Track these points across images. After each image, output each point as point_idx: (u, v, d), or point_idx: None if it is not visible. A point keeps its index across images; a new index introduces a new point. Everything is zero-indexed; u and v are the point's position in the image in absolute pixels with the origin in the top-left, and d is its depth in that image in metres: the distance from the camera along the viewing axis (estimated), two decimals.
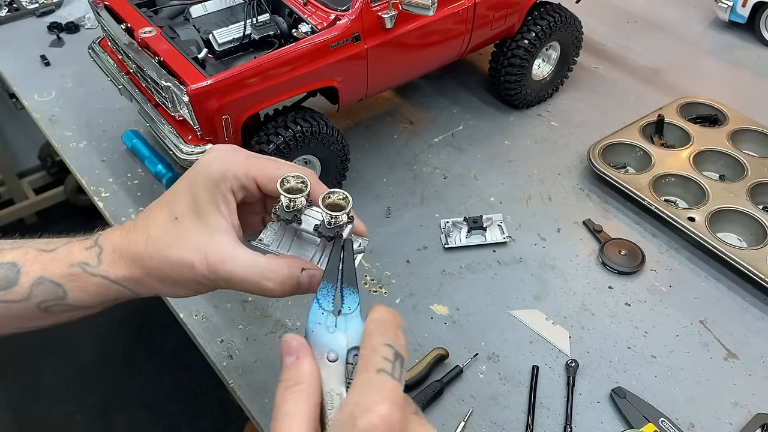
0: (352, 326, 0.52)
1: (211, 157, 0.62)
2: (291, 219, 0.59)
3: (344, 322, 0.52)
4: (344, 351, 0.51)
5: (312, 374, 0.49)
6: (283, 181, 0.59)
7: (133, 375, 2.06)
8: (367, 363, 0.46)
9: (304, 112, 0.98)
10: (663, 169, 1.10)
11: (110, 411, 1.98)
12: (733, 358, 0.88)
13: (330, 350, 0.51)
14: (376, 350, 0.47)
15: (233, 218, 0.61)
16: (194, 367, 1.94)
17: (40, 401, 2.00)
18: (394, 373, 0.46)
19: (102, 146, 1.19)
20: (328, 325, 0.52)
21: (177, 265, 0.59)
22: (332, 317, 0.53)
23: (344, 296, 0.54)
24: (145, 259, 0.61)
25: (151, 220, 0.62)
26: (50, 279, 0.61)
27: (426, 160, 1.18)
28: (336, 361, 0.51)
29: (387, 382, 0.45)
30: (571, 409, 0.82)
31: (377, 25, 0.96)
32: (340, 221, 0.59)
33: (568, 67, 1.30)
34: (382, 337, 0.48)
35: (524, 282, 0.97)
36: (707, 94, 1.27)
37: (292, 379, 0.48)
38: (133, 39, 0.95)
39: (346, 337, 0.52)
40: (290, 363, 0.49)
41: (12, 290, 0.61)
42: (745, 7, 1.46)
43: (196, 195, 0.60)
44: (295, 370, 0.49)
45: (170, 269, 0.60)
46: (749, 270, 0.94)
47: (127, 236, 0.63)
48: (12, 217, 2.45)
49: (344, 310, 0.53)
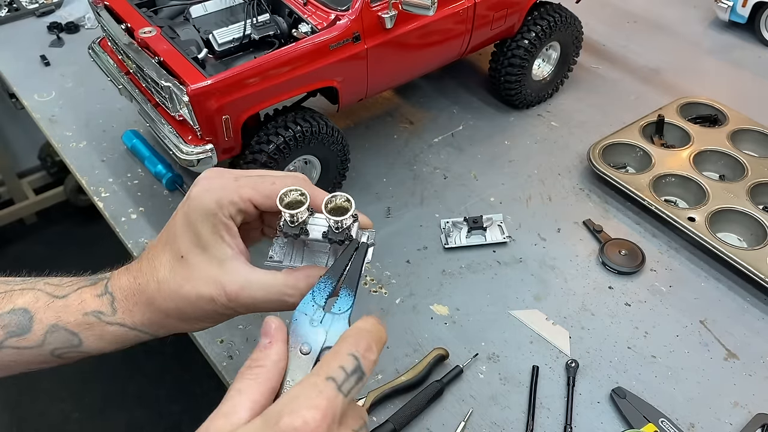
0: (335, 327, 0.53)
1: (203, 188, 0.60)
2: (298, 233, 0.59)
3: (330, 321, 0.53)
4: (319, 347, 0.52)
5: (278, 361, 0.50)
6: (282, 197, 0.59)
7: (132, 374, 2.06)
8: (323, 366, 0.47)
9: (304, 112, 0.98)
10: (663, 169, 1.10)
11: (109, 410, 1.99)
12: (733, 358, 0.88)
13: (305, 342, 0.52)
14: (338, 356, 0.47)
15: (238, 243, 0.61)
16: (194, 367, 1.93)
17: (39, 400, 2.00)
18: (343, 386, 0.46)
19: (102, 146, 1.19)
20: (314, 318, 0.53)
21: (195, 301, 0.59)
22: (321, 312, 0.53)
23: (340, 296, 0.55)
24: (159, 301, 0.60)
25: (157, 261, 0.61)
26: (65, 327, 0.61)
27: (426, 160, 1.18)
28: (308, 354, 0.51)
29: (329, 391, 0.45)
30: (571, 409, 0.82)
31: (377, 25, 0.96)
32: (346, 223, 0.58)
33: (568, 67, 1.30)
34: (352, 346, 0.48)
35: (524, 282, 0.97)
36: (707, 94, 1.27)
37: (256, 360, 0.50)
38: (133, 39, 0.95)
39: (326, 335, 0.52)
40: (262, 344, 0.50)
41: (25, 337, 0.60)
42: (745, 7, 1.46)
43: (197, 229, 0.59)
44: (263, 353, 0.50)
45: (189, 307, 0.60)
46: (749, 270, 0.94)
47: (136, 282, 0.62)
48: (12, 217, 2.45)
49: (334, 309, 0.54)
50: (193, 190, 0.61)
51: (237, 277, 0.59)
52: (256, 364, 0.49)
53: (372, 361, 0.48)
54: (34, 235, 2.50)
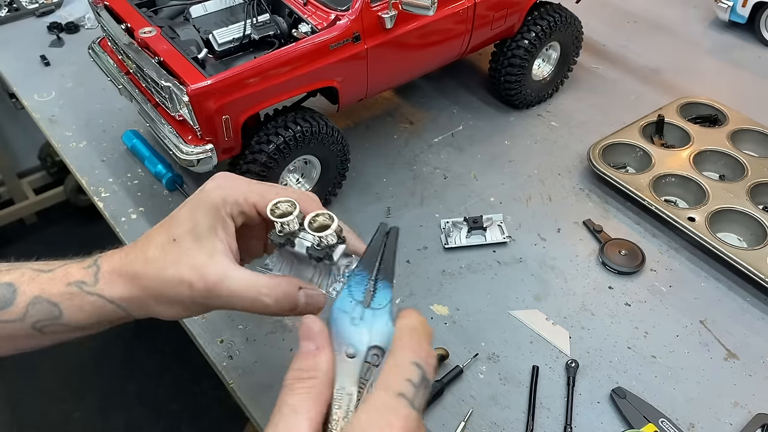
0: (378, 323, 0.49)
1: (216, 184, 0.63)
2: (284, 242, 0.59)
3: (371, 317, 0.49)
4: (365, 348, 0.48)
5: (329, 369, 0.46)
6: (274, 207, 0.59)
7: (132, 373, 2.06)
8: (390, 381, 0.44)
9: (304, 112, 0.98)
10: (663, 169, 1.10)
11: (109, 409, 1.99)
12: (733, 358, 0.88)
13: (350, 345, 0.48)
14: (402, 369, 0.44)
15: (231, 242, 0.62)
16: (194, 367, 1.93)
17: (39, 399, 2.00)
18: (415, 401, 0.43)
19: (102, 146, 1.19)
20: (354, 316, 0.49)
21: (175, 284, 0.59)
22: (360, 308, 0.50)
23: (377, 289, 0.51)
24: (142, 278, 0.61)
25: (150, 241, 0.63)
26: (47, 299, 0.61)
27: (426, 160, 1.18)
28: (354, 357, 0.48)
29: (403, 410, 0.43)
30: (571, 409, 0.82)
31: (377, 25, 0.96)
32: (329, 241, 0.57)
33: (568, 67, 1.30)
34: (412, 353, 0.45)
35: (524, 282, 0.97)
36: (707, 94, 1.27)
37: (307, 370, 0.46)
38: (133, 39, 0.95)
39: (370, 333, 0.49)
40: (308, 351, 0.47)
41: (7, 310, 0.61)
42: (745, 7, 1.46)
43: (197, 219, 0.61)
44: (312, 361, 0.46)
45: (168, 288, 0.60)
46: (749, 270, 0.94)
47: (126, 257, 0.63)
48: (12, 217, 2.45)
49: (374, 304, 0.50)
50: (207, 184, 0.63)
51: (219, 269, 0.59)
52: (307, 375, 0.46)
53: (433, 366, 0.46)
54: (34, 235, 2.50)
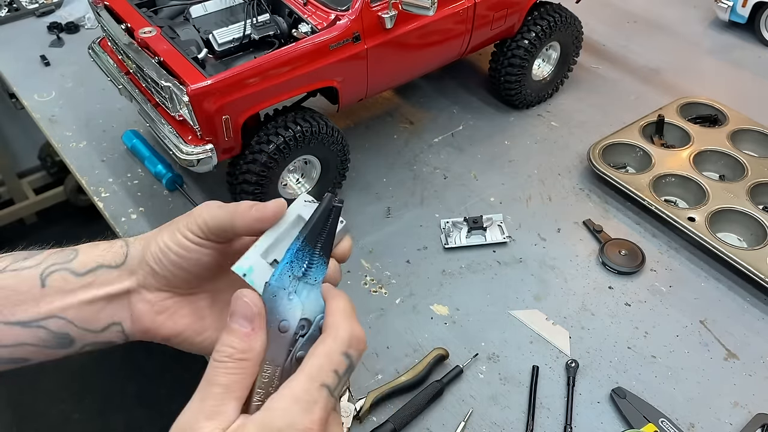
0: (311, 298, 0.50)
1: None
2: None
3: (305, 292, 0.50)
4: (296, 323, 0.49)
5: (261, 351, 0.47)
6: None
7: (132, 374, 2.06)
8: (316, 370, 0.45)
9: (304, 112, 0.98)
10: (663, 169, 1.10)
11: (109, 410, 1.98)
12: (733, 358, 0.88)
13: (284, 319, 0.49)
14: (331, 359, 0.45)
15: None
16: (194, 367, 1.93)
17: (39, 400, 2.00)
18: (336, 390, 0.45)
19: (102, 146, 1.19)
20: (290, 291, 0.50)
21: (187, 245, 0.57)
22: (296, 283, 0.50)
23: (314, 264, 0.51)
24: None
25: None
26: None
27: (426, 160, 1.18)
28: (286, 332, 0.49)
29: (324, 400, 0.44)
30: (571, 409, 0.82)
31: (377, 25, 0.96)
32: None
33: (568, 67, 1.30)
34: (344, 343, 0.46)
35: (524, 282, 0.97)
36: (707, 94, 1.27)
37: (241, 351, 0.46)
38: (133, 39, 0.95)
39: (303, 306, 0.49)
40: (243, 331, 0.47)
41: (26, 260, 0.60)
42: (745, 7, 1.46)
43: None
44: (246, 342, 0.46)
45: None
46: (749, 270, 0.94)
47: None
48: (12, 217, 2.45)
49: (309, 279, 0.50)
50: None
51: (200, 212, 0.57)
52: (240, 356, 0.46)
53: (362, 351, 0.47)
54: (34, 235, 2.50)
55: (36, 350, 0.58)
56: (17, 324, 0.57)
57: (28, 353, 0.58)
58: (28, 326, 0.57)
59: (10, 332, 0.57)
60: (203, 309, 0.62)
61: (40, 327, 0.57)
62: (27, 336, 0.57)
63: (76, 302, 0.58)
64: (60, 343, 0.58)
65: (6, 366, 0.59)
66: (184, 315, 0.60)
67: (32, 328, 0.57)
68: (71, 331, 0.58)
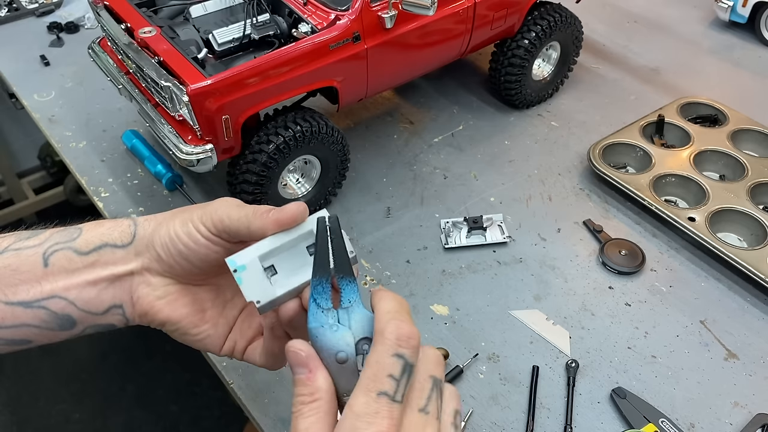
0: (355, 318, 0.49)
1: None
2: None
3: (346, 316, 0.49)
4: (353, 348, 0.48)
5: (327, 387, 0.47)
6: None
7: (132, 374, 2.06)
8: (370, 381, 0.44)
9: (304, 112, 0.98)
10: (663, 169, 1.10)
11: (109, 410, 1.98)
12: (734, 358, 0.88)
13: (338, 351, 0.48)
14: (382, 365, 0.44)
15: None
16: (194, 367, 1.93)
17: (39, 400, 2.00)
18: (397, 394, 0.44)
19: (102, 146, 1.19)
20: (331, 323, 0.49)
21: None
22: (333, 313, 0.49)
23: (341, 287, 0.51)
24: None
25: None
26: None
27: (426, 160, 1.18)
28: (347, 361, 0.48)
29: (384, 408, 0.43)
30: (571, 409, 0.82)
31: (377, 25, 0.96)
32: None
33: (568, 67, 1.30)
34: (393, 344, 0.45)
35: (524, 282, 0.97)
36: (707, 94, 1.27)
37: (308, 395, 0.47)
38: (133, 39, 0.95)
39: (352, 332, 0.49)
40: (303, 377, 0.47)
41: (30, 239, 0.59)
42: (745, 7, 1.46)
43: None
44: (310, 386, 0.47)
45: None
46: (749, 270, 0.94)
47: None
48: (12, 217, 2.45)
49: (343, 302, 0.50)
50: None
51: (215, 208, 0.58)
52: (310, 399, 0.46)
53: (416, 347, 0.46)
54: None
55: (37, 332, 0.58)
56: (18, 304, 0.56)
57: (29, 334, 0.58)
58: (29, 306, 0.57)
59: (11, 312, 0.56)
60: (205, 301, 0.62)
61: (41, 307, 0.57)
62: (28, 316, 0.57)
63: (79, 282, 0.58)
64: (61, 325, 0.58)
65: (7, 348, 0.58)
66: (185, 304, 0.60)
67: (33, 308, 0.57)
68: (73, 312, 0.58)
